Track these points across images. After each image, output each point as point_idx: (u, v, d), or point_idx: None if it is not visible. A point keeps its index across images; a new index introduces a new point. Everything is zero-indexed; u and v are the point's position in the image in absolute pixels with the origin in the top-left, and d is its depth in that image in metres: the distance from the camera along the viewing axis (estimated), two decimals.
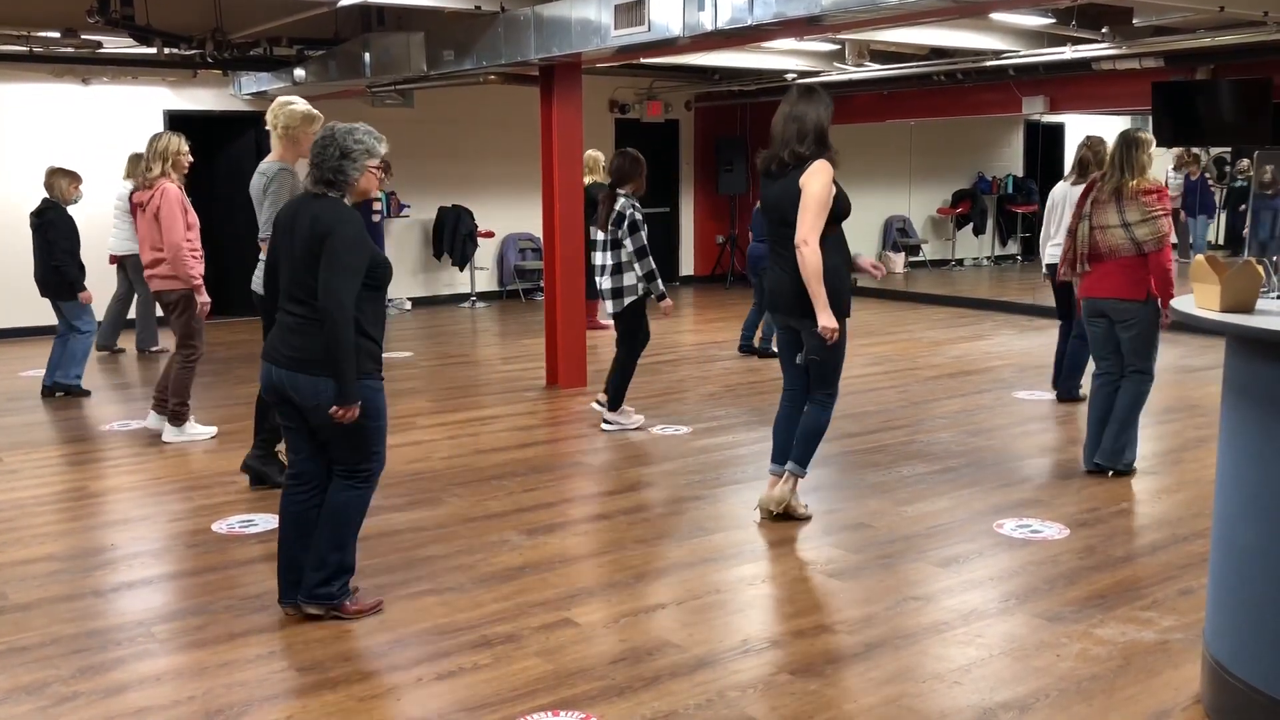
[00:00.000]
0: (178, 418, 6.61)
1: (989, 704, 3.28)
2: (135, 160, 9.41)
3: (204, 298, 6.50)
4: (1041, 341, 10.16)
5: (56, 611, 4.05)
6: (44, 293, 7.89)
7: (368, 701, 3.36)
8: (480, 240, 12.94)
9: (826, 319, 4.59)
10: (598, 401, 6.95)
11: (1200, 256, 3.40)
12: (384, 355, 3.91)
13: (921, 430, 6.68)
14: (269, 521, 5.06)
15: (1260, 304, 3.24)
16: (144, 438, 6.79)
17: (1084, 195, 5.60)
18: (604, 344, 10.08)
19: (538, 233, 12.42)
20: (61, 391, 7.91)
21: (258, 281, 5.39)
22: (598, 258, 6.60)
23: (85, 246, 7.93)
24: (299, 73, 9.87)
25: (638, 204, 6.53)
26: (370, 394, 3.74)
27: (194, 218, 6.57)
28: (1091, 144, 7.15)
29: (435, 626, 3.88)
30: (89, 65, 10.52)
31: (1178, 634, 3.75)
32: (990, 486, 5.52)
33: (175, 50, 9.09)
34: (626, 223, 6.44)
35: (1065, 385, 7.44)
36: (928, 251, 16.28)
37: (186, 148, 6.58)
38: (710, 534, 4.86)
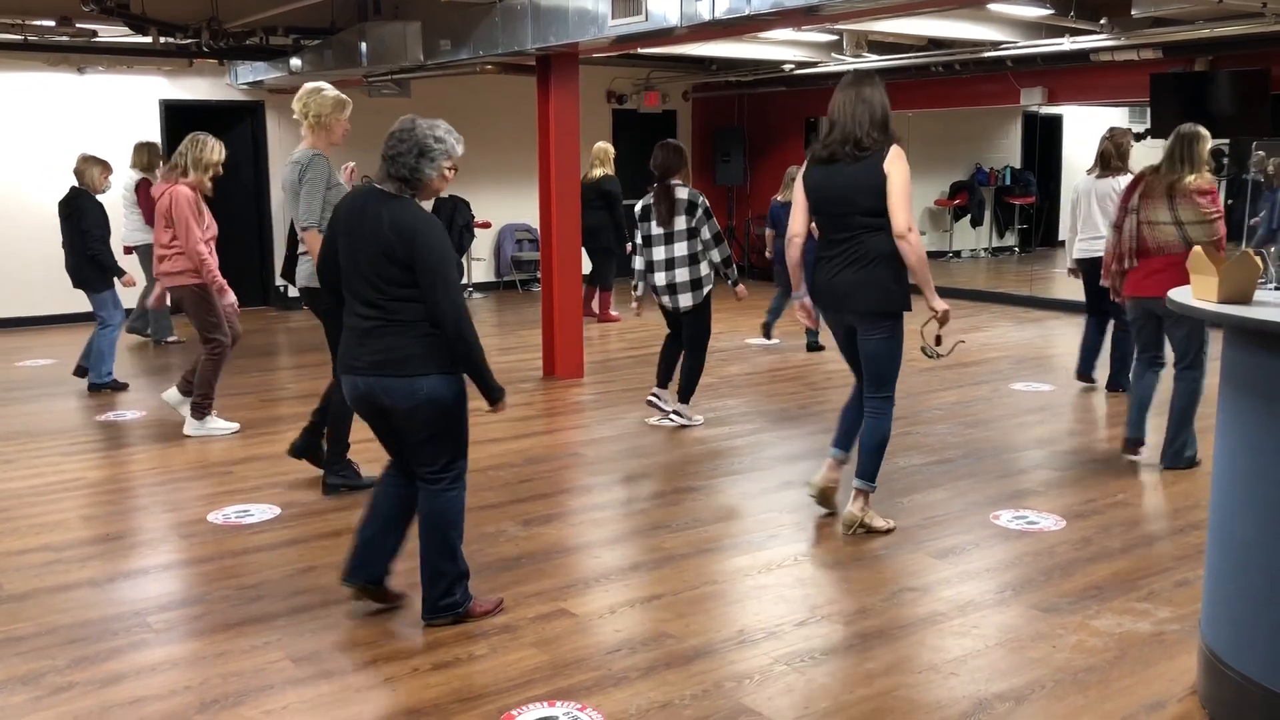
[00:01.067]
0: (200, 410, 6.51)
1: (985, 695, 3.29)
2: (142, 149, 9.35)
3: (230, 297, 6.42)
4: (1039, 333, 10.16)
5: (52, 602, 4.05)
6: (77, 284, 7.73)
7: (363, 692, 3.35)
8: (477, 231, 12.92)
9: (939, 302, 4.54)
10: (654, 395, 6.77)
11: (1198, 248, 3.40)
12: None
13: (919, 421, 6.67)
14: (265, 512, 5.05)
15: (1258, 295, 3.24)
16: (141, 427, 6.78)
17: (1131, 189, 5.48)
18: (606, 336, 10.08)
19: (535, 223, 12.40)
20: (105, 389, 7.76)
21: (305, 276, 5.23)
22: (659, 253, 6.45)
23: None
24: (295, 62, 9.85)
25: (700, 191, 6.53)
26: (461, 385, 3.63)
27: (209, 219, 6.49)
28: (1114, 135, 7.08)
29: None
30: (84, 54, 10.47)
31: (1174, 625, 3.75)
32: (987, 478, 5.52)
33: (171, 39, 9.06)
34: (700, 210, 6.40)
35: (1117, 378, 7.36)
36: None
37: (222, 158, 6.48)
38: (707, 525, 4.86)
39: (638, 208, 6.59)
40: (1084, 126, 16.15)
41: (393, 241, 3.48)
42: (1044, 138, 16.02)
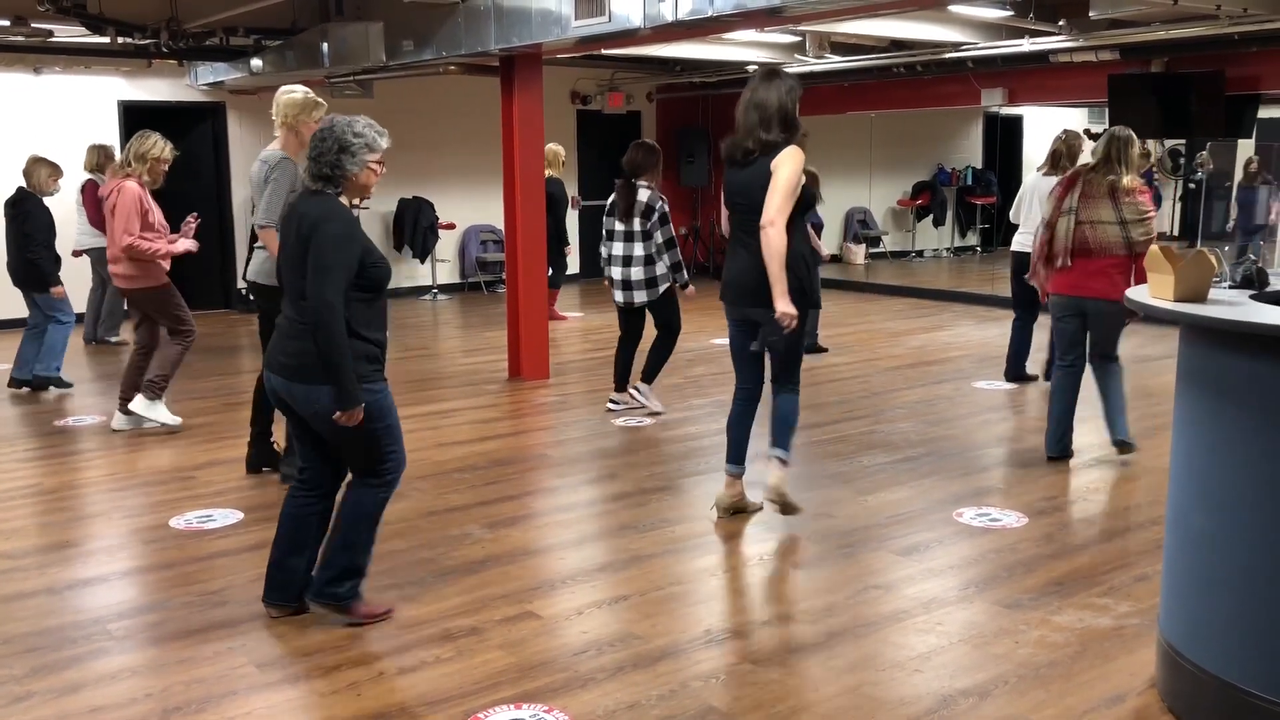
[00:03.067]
0: (153, 390, 6.48)
1: (949, 691, 3.31)
2: (94, 151, 9.25)
3: (183, 245, 6.48)
4: (1000, 332, 10.23)
5: (9, 610, 3.99)
6: (17, 284, 7.74)
7: (328, 697, 3.33)
8: (441, 232, 12.87)
9: (785, 305, 4.45)
10: (634, 388, 6.97)
11: (1155, 247, 3.45)
12: None
13: (882, 420, 6.72)
14: (227, 517, 5.01)
15: (1213, 293, 3.29)
16: (100, 432, 6.69)
17: (1064, 189, 5.53)
18: (571, 337, 10.07)
19: (499, 224, 12.35)
20: (44, 385, 7.75)
21: (254, 271, 5.29)
22: (619, 248, 6.67)
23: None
24: (256, 63, 9.76)
25: (664, 195, 6.66)
26: (370, 397, 3.57)
27: (157, 218, 6.46)
28: (1068, 137, 7.23)
29: (396, 621, 3.85)
30: (40, 54, 10.33)
31: (1133, 619, 3.80)
32: (950, 476, 5.57)
33: (129, 40, 8.95)
34: (657, 215, 6.56)
35: (1016, 367, 7.59)
36: (888, 243, 16.38)
37: (169, 155, 6.48)
38: (673, 525, 4.86)
39: (607, 203, 6.77)
40: (1044, 127, 16.33)
41: (303, 237, 3.53)
42: (1005, 138, 16.18)
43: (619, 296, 6.79)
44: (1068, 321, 5.62)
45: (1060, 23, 8.91)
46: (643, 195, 6.55)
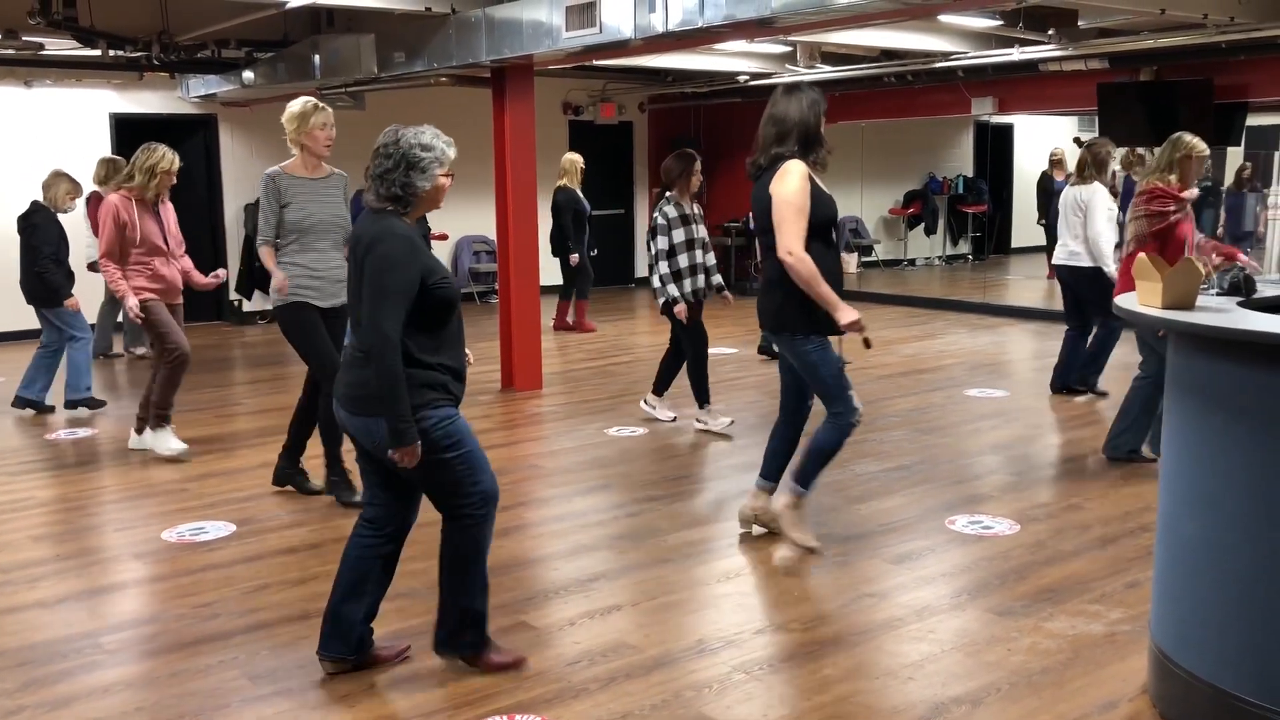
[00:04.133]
0: (157, 419, 6.29)
1: (941, 699, 3.32)
2: (102, 164, 9.00)
3: (131, 301, 6.13)
4: (993, 339, 10.28)
5: (1, 624, 3.98)
6: (30, 301, 7.53)
7: (321, 709, 3.33)
8: (434, 243, 12.86)
9: (845, 313, 4.27)
10: (697, 419, 6.82)
11: (1143, 255, 3.47)
12: None
13: (875, 428, 6.73)
14: (220, 529, 5.00)
15: (1200, 301, 3.30)
16: (92, 445, 6.68)
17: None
18: (565, 348, 10.07)
19: (492, 235, 12.37)
20: (82, 407, 7.54)
21: (307, 293, 5.20)
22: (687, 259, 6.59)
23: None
24: (247, 75, 9.77)
25: (678, 206, 6.54)
26: (437, 424, 3.25)
27: (145, 232, 6.19)
28: (1091, 145, 7.22)
29: (389, 632, 3.84)
30: (31, 68, 10.32)
31: (1125, 626, 3.81)
32: (942, 483, 5.58)
33: (121, 52, 8.95)
34: (655, 226, 6.55)
35: (1063, 377, 7.54)
36: (880, 251, 16.41)
37: (176, 167, 6.26)
38: (666, 535, 4.86)
39: (671, 214, 6.52)
40: (1034, 135, 16.41)
41: (360, 260, 3.27)
42: (995, 147, 16.24)
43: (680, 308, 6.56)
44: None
45: (1049, 32, 8.96)
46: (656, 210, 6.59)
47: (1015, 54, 9.88)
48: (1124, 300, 3.52)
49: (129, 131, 11.17)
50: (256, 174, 11.90)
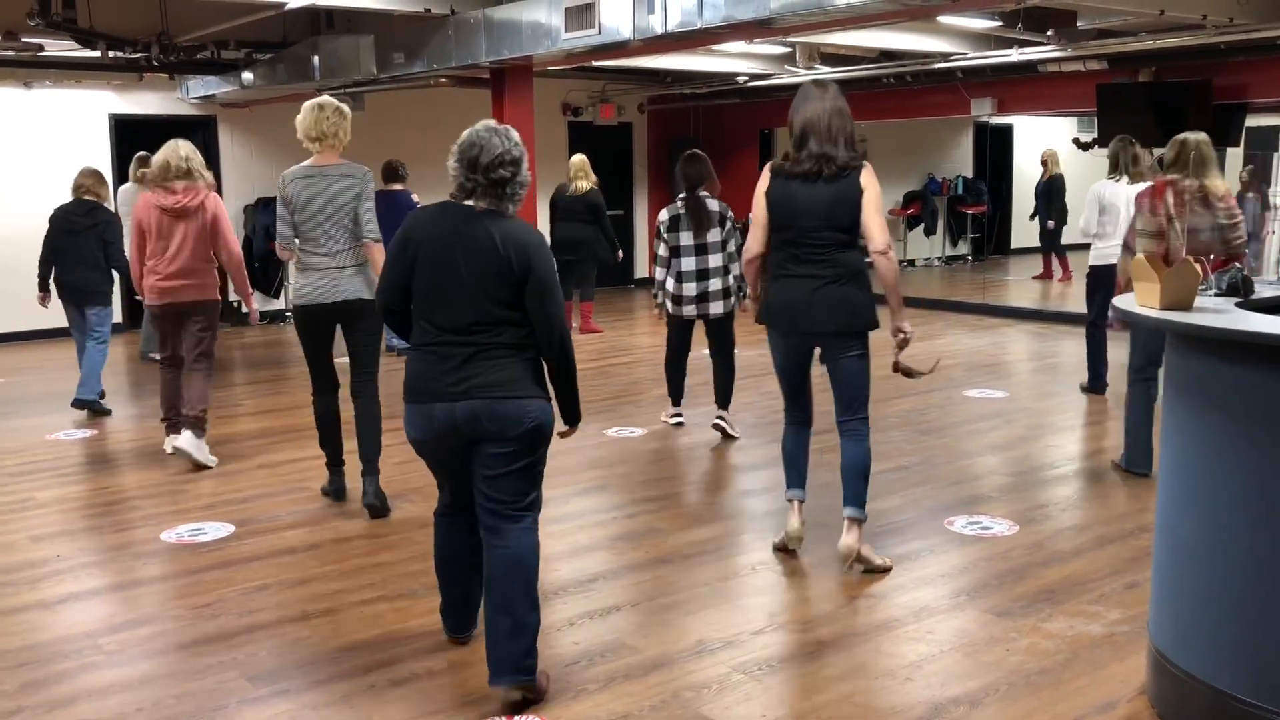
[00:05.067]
0: (197, 425, 6.17)
1: (940, 699, 3.32)
2: (143, 162, 8.81)
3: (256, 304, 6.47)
4: (992, 340, 10.29)
5: (0, 625, 3.98)
6: (81, 298, 7.38)
7: (320, 710, 3.33)
8: None
9: (907, 322, 4.52)
10: (721, 419, 6.67)
11: (1141, 255, 3.47)
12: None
13: (874, 429, 6.70)
14: (219, 530, 5.00)
15: (1198, 301, 3.31)
16: (92, 446, 6.68)
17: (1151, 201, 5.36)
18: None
19: None
20: (89, 410, 7.43)
21: (306, 293, 5.09)
22: (690, 263, 6.46)
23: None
24: (247, 76, 9.78)
25: (673, 209, 6.51)
26: (551, 415, 3.39)
27: (154, 237, 6.11)
28: (1124, 143, 7.08)
29: (388, 633, 3.85)
30: (31, 69, 10.33)
31: (1124, 627, 3.81)
32: (941, 484, 5.58)
33: (120, 54, 8.96)
34: (730, 222, 6.47)
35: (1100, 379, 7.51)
36: None
37: (159, 170, 6.14)
38: (665, 535, 4.87)
39: (664, 218, 6.52)
40: (1034, 136, 16.41)
41: (510, 260, 3.25)
42: (995, 147, 16.26)
43: (691, 310, 6.52)
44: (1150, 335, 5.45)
45: (1048, 33, 8.97)
46: (713, 205, 6.43)
47: (1014, 55, 9.90)
48: (1122, 301, 3.52)
49: (128, 132, 11.19)
50: (256, 175, 11.98)
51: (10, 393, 8.27)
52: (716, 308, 6.51)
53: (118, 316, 8.76)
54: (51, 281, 7.46)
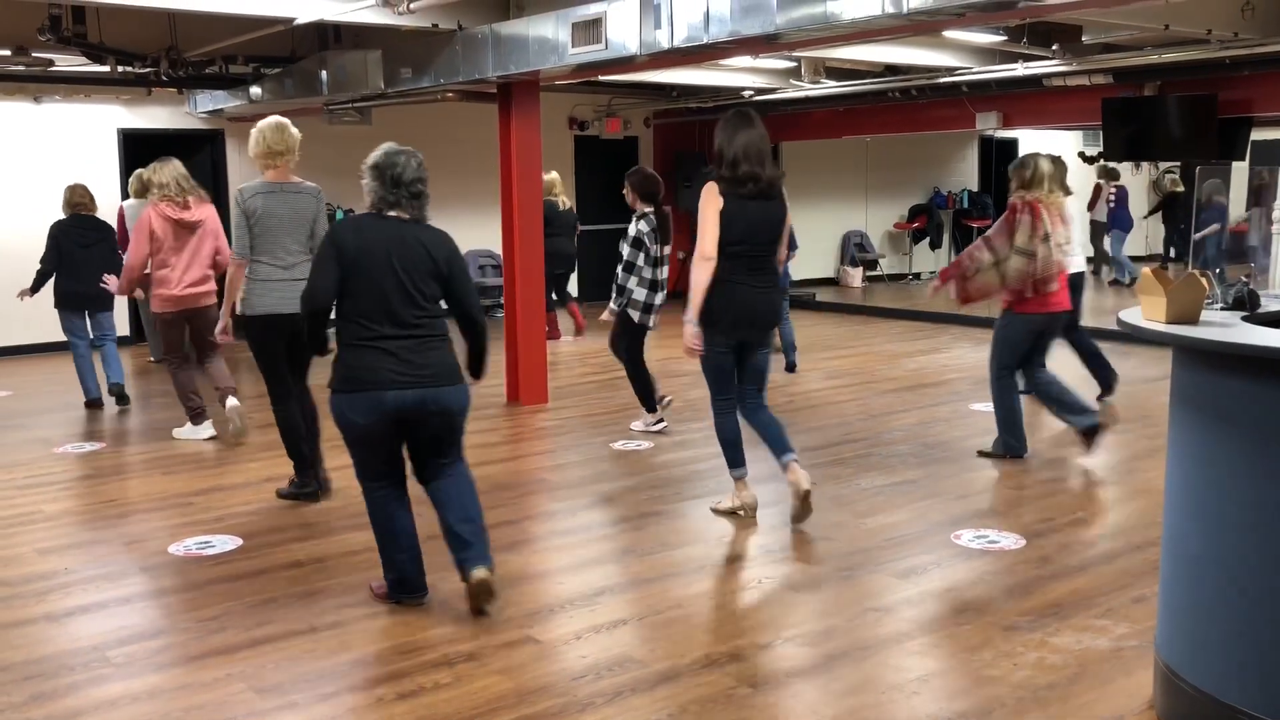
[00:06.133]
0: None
1: (947, 714, 3.32)
2: (136, 178, 9.14)
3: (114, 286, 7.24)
4: None
5: (8, 637, 3.99)
6: (94, 306, 7.99)
7: None
8: None
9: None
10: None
11: (1147, 269, 3.47)
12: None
13: (880, 443, 6.73)
14: (226, 543, 5.01)
15: (1205, 315, 3.31)
16: (99, 459, 6.70)
17: (1040, 215, 6.06)
18: (571, 361, 10.08)
19: (497, 249, 12.40)
20: (89, 409, 8.08)
21: (267, 303, 5.48)
22: (660, 273, 6.90)
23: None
24: (255, 91, 9.82)
25: (651, 220, 6.88)
26: None
27: (166, 244, 6.78)
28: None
29: (395, 646, 3.86)
30: (41, 84, 10.39)
31: (1131, 641, 3.81)
32: (948, 498, 5.58)
33: (129, 68, 9.00)
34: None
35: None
36: (885, 266, 16.43)
37: (163, 179, 6.85)
38: (672, 549, 4.87)
39: (646, 229, 6.84)
40: (1039, 150, 16.40)
41: (437, 261, 3.99)
42: (1000, 161, 16.24)
43: (652, 320, 6.97)
44: (1041, 336, 6.23)
45: (1053, 47, 8.98)
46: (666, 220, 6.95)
47: (1019, 69, 9.92)
48: (1128, 315, 3.53)
49: (137, 147, 11.24)
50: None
51: (17, 405, 8.29)
52: (657, 319, 7.02)
53: (122, 329, 9.35)
54: (51, 290, 7.99)
